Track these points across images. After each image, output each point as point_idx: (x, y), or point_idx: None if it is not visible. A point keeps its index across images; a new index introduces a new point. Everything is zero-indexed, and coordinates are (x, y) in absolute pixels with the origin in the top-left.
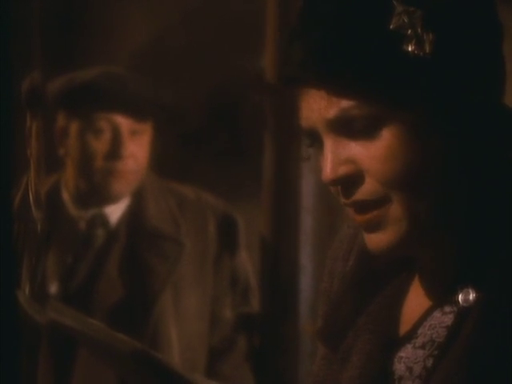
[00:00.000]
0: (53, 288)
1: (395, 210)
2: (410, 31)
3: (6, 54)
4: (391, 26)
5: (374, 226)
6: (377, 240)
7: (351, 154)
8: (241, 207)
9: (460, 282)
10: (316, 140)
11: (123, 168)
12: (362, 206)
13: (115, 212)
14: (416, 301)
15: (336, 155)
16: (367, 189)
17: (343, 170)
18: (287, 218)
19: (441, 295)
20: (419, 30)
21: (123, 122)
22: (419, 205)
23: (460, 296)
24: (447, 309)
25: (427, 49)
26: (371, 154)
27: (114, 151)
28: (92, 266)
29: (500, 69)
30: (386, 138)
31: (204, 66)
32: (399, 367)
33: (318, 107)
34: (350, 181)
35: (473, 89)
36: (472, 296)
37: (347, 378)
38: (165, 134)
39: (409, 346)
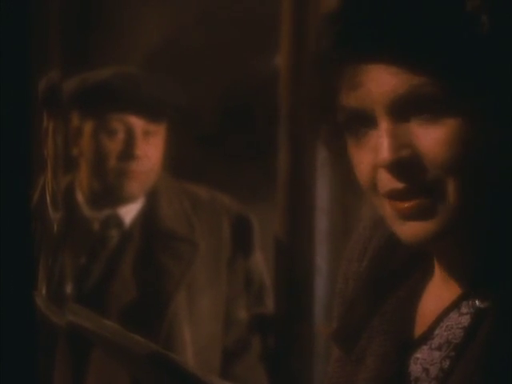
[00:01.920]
0: (67, 289)
1: (448, 197)
2: (483, 16)
3: (25, 55)
4: (466, 9)
5: (419, 214)
6: (420, 229)
7: (410, 137)
8: (255, 208)
9: (477, 282)
10: (364, 122)
11: (137, 168)
12: (410, 192)
13: (129, 213)
14: (432, 301)
15: (395, 138)
16: (420, 174)
17: (403, 153)
18: (302, 219)
19: (457, 296)
20: (493, 14)
21: (137, 122)
22: (471, 194)
23: (477, 297)
24: (464, 310)
25: (501, 34)
26: (433, 138)
27: (128, 152)
28: (106, 266)
29: None
30: (450, 122)
31: (218, 66)
32: (415, 368)
33: (385, 85)
34: (408, 165)
35: None
36: (489, 297)
37: (362, 380)
38: (179, 134)
39: (425, 348)
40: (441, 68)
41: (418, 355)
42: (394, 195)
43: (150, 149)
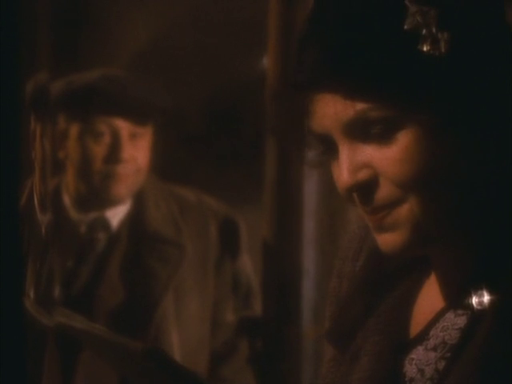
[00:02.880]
0: (55, 292)
1: (410, 210)
2: (424, 31)
3: (13, 56)
4: (406, 27)
5: (388, 226)
6: (390, 240)
7: (367, 158)
8: (242, 210)
9: (474, 283)
10: (329, 146)
11: (123, 171)
12: (376, 210)
13: (116, 216)
14: (427, 302)
15: (353, 160)
16: (384, 192)
17: (361, 175)
18: (289, 222)
19: (453, 297)
20: (434, 29)
21: (123, 125)
22: (434, 205)
23: (474, 298)
24: (460, 311)
25: (443, 48)
26: (388, 157)
27: (114, 154)
28: (93, 269)
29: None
30: (403, 140)
31: (205, 68)
32: (410, 369)
33: (333, 111)
34: (368, 186)
35: (488, 87)
36: (486, 298)
37: (357, 380)
38: (166, 136)
39: (420, 348)
40: (383, 91)
41: (413, 356)
42: (364, 210)
43: (137, 151)
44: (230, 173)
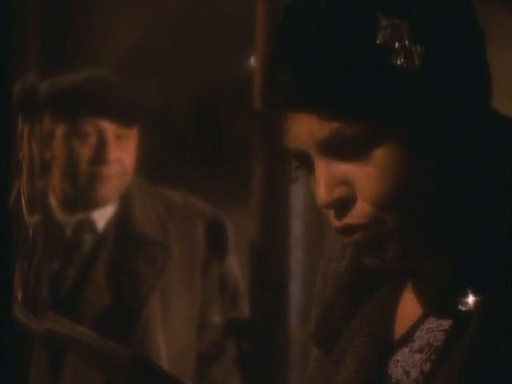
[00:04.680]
0: (42, 294)
1: (384, 231)
2: (397, 44)
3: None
4: (378, 41)
5: (363, 248)
6: (368, 260)
7: (344, 175)
8: (229, 212)
9: (458, 284)
10: (305, 162)
11: (109, 173)
12: (352, 229)
13: (102, 217)
14: (412, 303)
15: (329, 177)
16: (359, 211)
17: (338, 192)
18: (277, 223)
19: (438, 298)
20: (407, 42)
21: (109, 126)
22: (412, 225)
23: (458, 299)
24: (445, 312)
25: (416, 61)
26: (365, 175)
27: (100, 156)
28: (79, 271)
29: (486, 75)
30: (379, 157)
31: (192, 69)
32: (396, 371)
33: (308, 130)
34: (344, 203)
35: (463, 100)
36: (471, 299)
37: (342, 381)
38: (152, 138)
39: (405, 350)
40: (357, 109)
41: (399, 357)
42: (338, 232)
43: (123, 153)
44: (218, 174)
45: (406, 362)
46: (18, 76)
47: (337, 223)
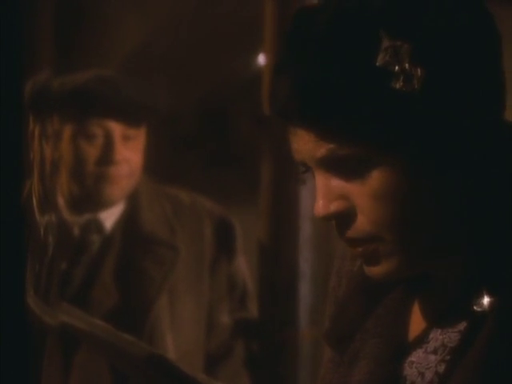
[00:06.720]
0: (52, 293)
1: (387, 247)
2: (397, 68)
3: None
4: (377, 63)
5: (368, 259)
6: (372, 270)
7: (343, 190)
8: (238, 212)
9: (473, 286)
10: (309, 170)
11: (116, 173)
12: (354, 243)
13: (110, 217)
14: (426, 304)
15: (328, 191)
16: (359, 227)
17: (335, 206)
18: (286, 223)
19: (453, 299)
20: (407, 65)
21: (116, 127)
22: (415, 239)
23: (473, 300)
24: (459, 313)
25: (416, 85)
26: (363, 193)
27: (107, 156)
28: (87, 272)
29: (497, 86)
30: (377, 177)
31: (199, 68)
32: (411, 372)
33: (306, 147)
34: (343, 217)
35: (468, 119)
36: (485, 300)
37: (356, 382)
38: (159, 138)
39: (420, 351)
40: (354, 131)
41: (413, 359)
42: (343, 239)
43: (130, 153)
44: (226, 174)
45: (420, 363)
46: (30, 75)
47: (340, 236)
